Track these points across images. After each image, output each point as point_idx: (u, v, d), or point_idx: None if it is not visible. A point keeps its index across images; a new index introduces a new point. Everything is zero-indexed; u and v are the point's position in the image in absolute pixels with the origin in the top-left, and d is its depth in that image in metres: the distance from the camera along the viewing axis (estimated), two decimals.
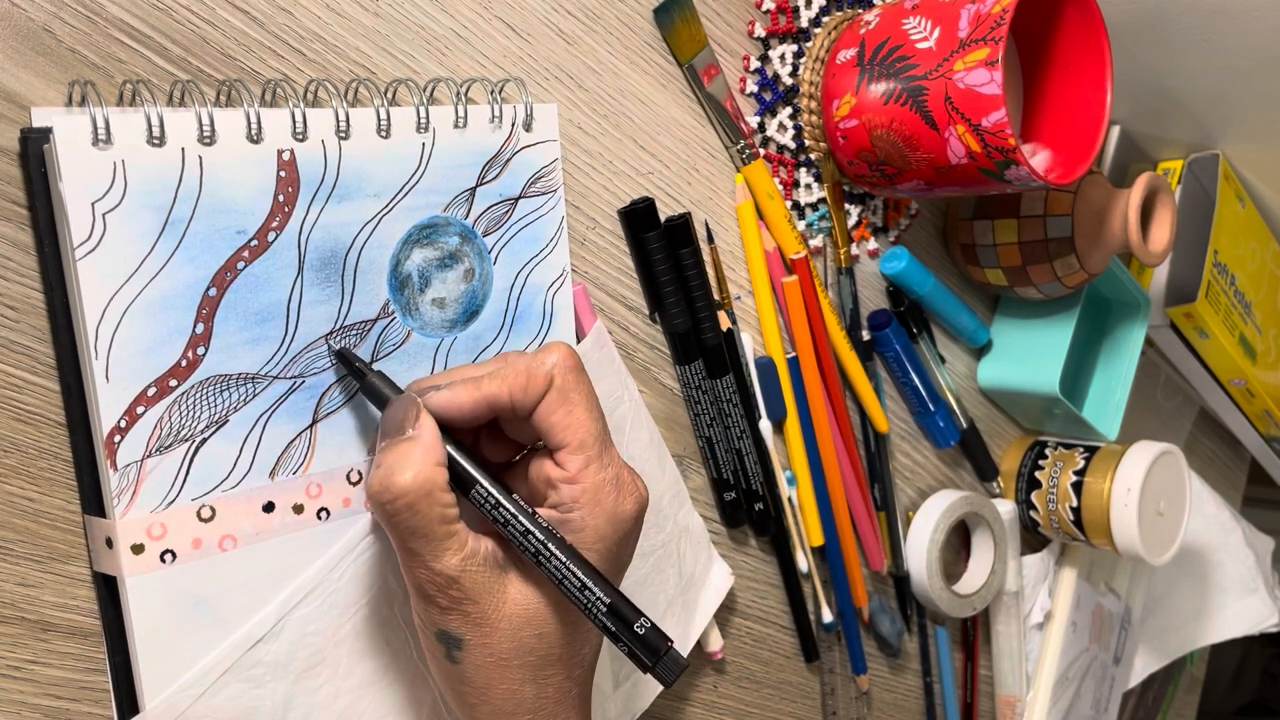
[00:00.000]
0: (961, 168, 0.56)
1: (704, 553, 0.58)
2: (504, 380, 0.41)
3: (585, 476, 0.41)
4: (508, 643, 0.40)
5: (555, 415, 0.41)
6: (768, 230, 0.60)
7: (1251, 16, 0.65)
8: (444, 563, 0.39)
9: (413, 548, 0.39)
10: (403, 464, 0.38)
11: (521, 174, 0.47)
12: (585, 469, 0.41)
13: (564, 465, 0.41)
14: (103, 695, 0.41)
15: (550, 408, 0.41)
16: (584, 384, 0.42)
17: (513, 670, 0.40)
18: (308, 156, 0.41)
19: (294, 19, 0.44)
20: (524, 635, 0.40)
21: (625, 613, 0.40)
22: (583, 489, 0.41)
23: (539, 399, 0.41)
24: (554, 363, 0.41)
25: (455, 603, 0.39)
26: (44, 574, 0.40)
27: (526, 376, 0.41)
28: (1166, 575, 0.95)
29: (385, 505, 0.38)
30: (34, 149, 0.37)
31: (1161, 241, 0.68)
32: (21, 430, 0.39)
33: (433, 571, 0.39)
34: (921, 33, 0.56)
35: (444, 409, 0.40)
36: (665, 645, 0.40)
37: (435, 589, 0.39)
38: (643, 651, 0.40)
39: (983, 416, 0.77)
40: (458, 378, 0.41)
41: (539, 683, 0.41)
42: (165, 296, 0.38)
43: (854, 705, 0.70)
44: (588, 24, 0.53)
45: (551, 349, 0.41)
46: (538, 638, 0.40)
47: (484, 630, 0.40)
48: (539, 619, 0.41)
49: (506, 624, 0.40)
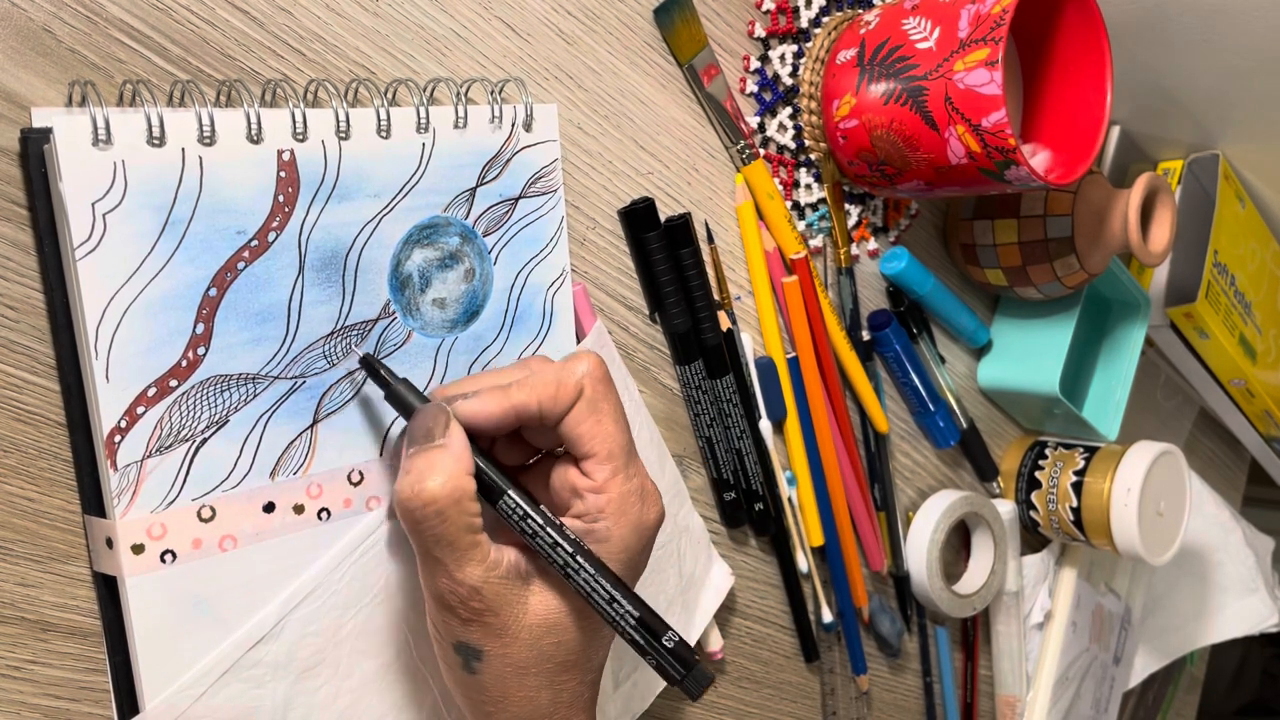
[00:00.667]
0: (961, 168, 0.56)
1: (704, 553, 0.58)
2: (533, 390, 0.40)
3: (612, 486, 0.41)
4: (527, 651, 0.40)
5: (584, 425, 0.41)
6: (768, 230, 0.60)
7: (1251, 16, 0.65)
8: (467, 572, 0.39)
9: (437, 556, 0.39)
10: (433, 471, 0.38)
11: (521, 174, 0.47)
12: (612, 479, 0.41)
13: (591, 475, 0.41)
14: (103, 695, 0.41)
15: (579, 418, 0.41)
16: (612, 394, 0.42)
17: (530, 678, 0.40)
18: (308, 157, 0.41)
19: (294, 19, 0.44)
20: (544, 643, 0.40)
21: (654, 625, 0.40)
22: (609, 499, 0.41)
23: (568, 409, 0.41)
24: (584, 372, 0.41)
25: (476, 614, 0.39)
26: (44, 574, 0.40)
27: (556, 386, 0.40)
28: (1166, 575, 0.95)
29: (414, 511, 0.38)
30: (34, 149, 0.37)
31: (1161, 241, 0.68)
32: (21, 430, 0.39)
33: (455, 581, 0.39)
34: (921, 33, 0.56)
35: (472, 418, 0.40)
36: (695, 658, 0.40)
37: (457, 600, 0.39)
38: (672, 664, 0.40)
39: (983, 416, 0.77)
40: (485, 385, 0.41)
41: (555, 688, 0.41)
42: (165, 297, 0.38)
43: (854, 705, 0.70)
44: (588, 24, 0.53)
45: (580, 358, 0.41)
46: (557, 645, 0.40)
47: (504, 640, 0.40)
48: (560, 627, 0.40)
49: (527, 634, 0.40)
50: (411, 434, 0.40)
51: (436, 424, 0.40)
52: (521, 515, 0.40)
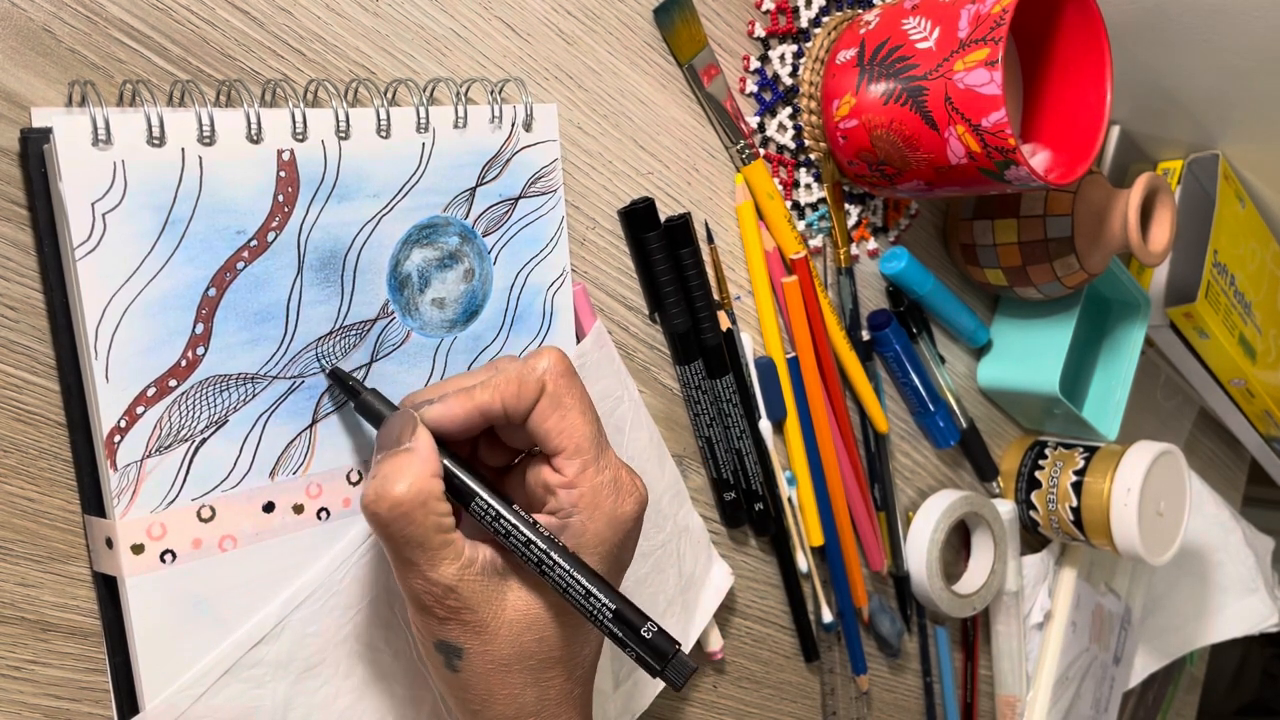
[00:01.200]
0: (961, 168, 0.56)
1: (704, 553, 0.58)
2: (495, 389, 0.40)
3: (583, 481, 0.41)
4: (508, 648, 0.40)
5: (549, 421, 0.41)
6: (767, 230, 0.60)
7: (1251, 16, 0.65)
8: (440, 572, 0.38)
9: (408, 557, 0.39)
10: (398, 474, 0.38)
11: (521, 174, 0.47)
12: (582, 473, 0.41)
13: (561, 470, 0.41)
14: (103, 695, 0.41)
15: (544, 414, 0.40)
16: (576, 387, 0.41)
17: (514, 675, 0.40)
18: (307, 156, 0.41)
19: (294, 19, 0.44)
20: (525, 640, 0.40)
21: (631, 618, 0.40)
22: (580, 493, 0.41)
23: (531, 406, 0.40)
24: (545, 368, 0.41)
25: (453, 612, 0.39)
26: (44, 574, 0.40)
27: (518, 384, 0.40)
28: (1166, 575, 0.95)
29: (380, 515, 0.38)
30: (34, 149, 0.37)
31: (1161, 241, 0.68)
32: (21, 430, 0.39)
33: (430, 581, 0.39)
34: (921, 33, 0.56)
35: (438, 421, 0.40)
36: (673, 648, 0.40)
37: (432, 599, 0.39)
38: (650, 656, 0.40)
39: (982, 416, 0.77)
40: (450, 389, 0.41)
41: (540, 685, 0.41)
42: (165, 296, 0.38)
43: (854, 705, 0.70)
44: (587, 24, 0.53)
45: (542, 354, 0.41)
46: (538, 641, 0.40)
47: (484, 638, 0.40)
48: (539, 623, 0.40)
49: (507, 630, 0.40)
50: (380, 441, 0.40)
51: (404, 429, 0.40)
52: (494, 516, 0.40)
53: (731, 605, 0.62)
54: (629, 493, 0.42)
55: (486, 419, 0.41)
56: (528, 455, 0.44)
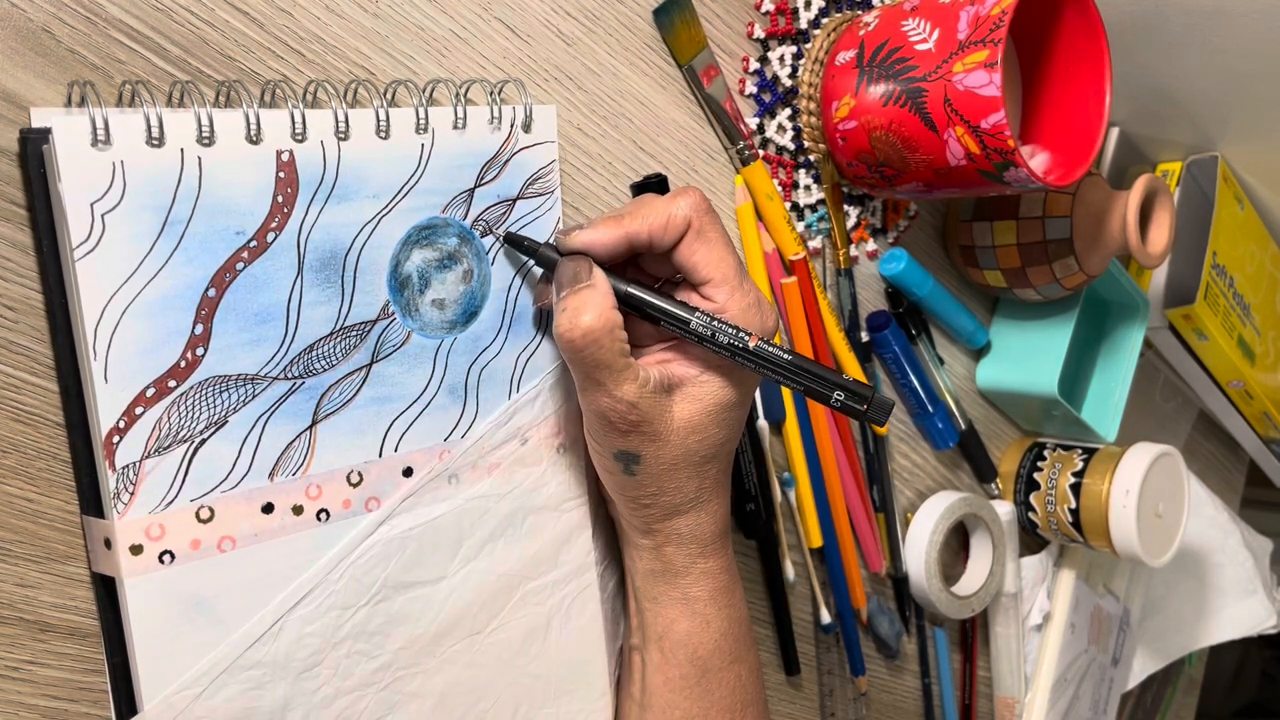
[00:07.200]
0: (960, 169, 0.57)
1: None
2: (644, 220, 0.45)
3: (732, 304, 0.46)
4: (677, 450, 0.46)
5: (698, 255, 0.46)
6: (767, 231, 0.60)
7: (1251, 18, 0.65)
8: (624, 390, 0.44)
9: (597, 378, 0.44)
10: (584, 307, 0.43)
11: (519, 175, 0.47)
12: (731, 297, 0.46)
13: (712, 297, 0.46)
14: (101, 696, 0.41)
15: (691, 247, 0.46)
16: (717, 223, 0.46)
17: (681, 470, 0.47)
18: (307, 157, 0.41)
19: (293, 20, 0.44)
20: (690, 442, 0.46)
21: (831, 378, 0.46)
22: (731, 316, 0.46)
23: (677, 239, 0.46)
24: (690, 204, 0.45)
25: (633, 425, 0.45)
26: (42, 574, 0.40)
27: (666, 218, 0.45)
28: (1165, 577, 0.95)
29: (575, 341, 0.43)
30: (33, 149, 0.37)
31: (1160, 243, 0.68)
32: (20, 430, 0.39)
33: (615, 399, 0.44)
34: (921, 34, 0.56)
35: (589, 244, 0.46)
36: (871, 392, 0.46)
37: (616, 415, 0.45)
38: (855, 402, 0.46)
39: (981, 418, 0.77)
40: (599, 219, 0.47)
41: (700, 477, 0.47)
42: (164, 297, 0.38)
43: (852, 706, 0.70)
44: (587, 25, 0.53)
45: (685, 193, 0.46)
46: (700, 441, 0.46)
47: (658, 444, 0.46)
48: (701, 426, 0.46)
49: (676, 435, 0.46)
50: (559, 281, 0.45)
51: (580, 269, 0.45)
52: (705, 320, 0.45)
53: None
54: (769, 310, 0.47)
55: (632, 245, 0.46)
56: (669, 284, 0.49)
